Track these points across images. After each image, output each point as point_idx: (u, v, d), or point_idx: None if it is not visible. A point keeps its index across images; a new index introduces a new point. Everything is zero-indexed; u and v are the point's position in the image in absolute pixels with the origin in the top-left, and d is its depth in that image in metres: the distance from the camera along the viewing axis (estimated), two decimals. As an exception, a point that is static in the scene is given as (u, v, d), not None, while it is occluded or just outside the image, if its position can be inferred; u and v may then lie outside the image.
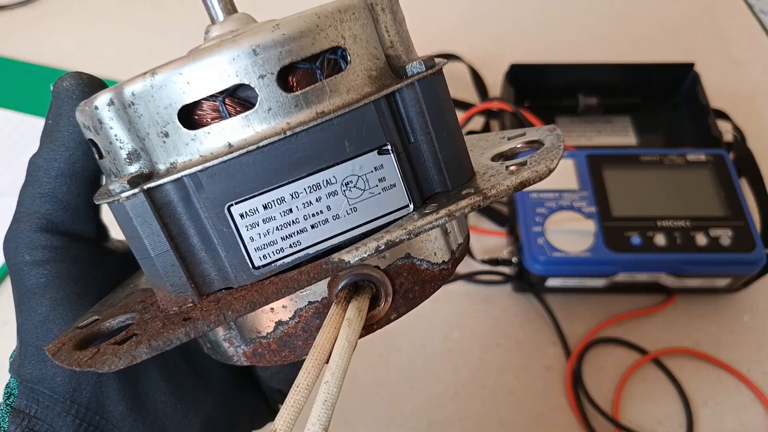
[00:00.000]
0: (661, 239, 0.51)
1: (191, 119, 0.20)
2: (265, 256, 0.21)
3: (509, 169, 0.22)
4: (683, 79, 0.68)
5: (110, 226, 0.27)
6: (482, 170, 0.23)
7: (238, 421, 0.31)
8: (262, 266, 0.21)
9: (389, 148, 0.21)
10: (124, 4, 0.86)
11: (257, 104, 0.19)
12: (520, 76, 0.67)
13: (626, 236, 0.52)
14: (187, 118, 0.20)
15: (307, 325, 0.22)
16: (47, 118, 0.25)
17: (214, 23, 0.23)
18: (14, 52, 0.79)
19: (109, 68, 0.76)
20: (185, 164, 0.20)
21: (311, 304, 0.22)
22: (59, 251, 0.25)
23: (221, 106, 0.20)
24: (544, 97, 0.69)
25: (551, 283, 0.54)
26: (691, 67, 0.67)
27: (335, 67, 0.21)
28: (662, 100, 0.70)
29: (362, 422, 0.51)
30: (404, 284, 0.23)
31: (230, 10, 0.23)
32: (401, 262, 0.23)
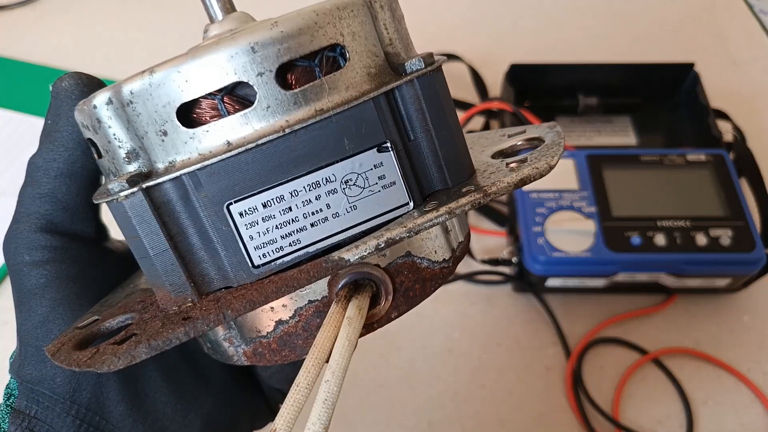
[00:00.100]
0: (661, 239, 0.51)
1: (190, 117, 0.20)
2: (264, 254, 0.21)
3: (509, 166, 0.22)
4: (683, 79, 0.68)
5: (110, 226, 0.27)
6: (482, 168, 0.23)
7: (238, 421, 0.31)
8: (261, 265, 0.21)
9: (389, 145, 0.21)
10: (124, 4, 0.86)
11: (256, 102, 0.19)
12: (520, 76, 0.67)
13: (626, 236, 0.52)
14: (185, 116, 0.20)
15: (307, 324, 0.22)
16: (46, 118, 0.25)
17: (212, 22, 0.23)
18: (14, 52, 0.79)
19: (108, 68, 0.76)
20: (184, 163, 0.20)
21: (311, 302, 0.22)
22: (59, 251, 0.25)
23: (220, 104, 0.20)
24: (544, 97, 0.69)
25: (551, 283, 0.54)
26: (691, 67, 0.67)
27: (334, 64, 0.20)
28: (662, 100, 0.70)
29: (362, 422, 0.51)
30: (405, 282, 0.23)
31: (229, 9, 0.23)
32: (402, 260, 0.23)
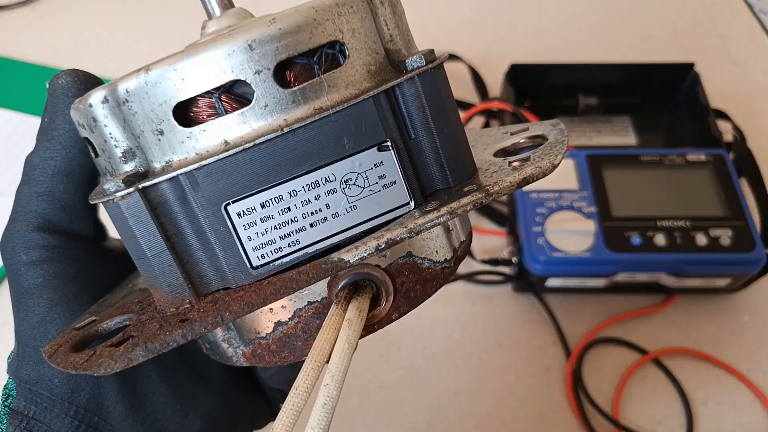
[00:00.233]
0: (661, 239, 0.51)
1: (187, 116, 0.20)
2: (263, 255, 0.20)
3: (512, 165, 0.22)
4: (683, 79, 0.68)
5: (108, 224, 0.27)
6: (484, 166, 0.23)
7: (238, 421, 0.31)
8: (260, 266, 0.21)
9: (389, 144, 0.20)
10: (124, 4, 0.86)
11: (254, 101, 0.19)
12: (520, 76, 0.67)
13: (626, 236, 0.52)
14: (182, 115, 0.19)
15: (306, 325, 0.22)
16: (43, 116, 0.25)
17: (210, 18, 0.22)
18: (14, 52, 0.79)
19: (108, 68, 0.76)
20: (181, 162, 0.20)
21: (311, 304, 0.22)
22: (56, 251, 0.25)
23: (217, 102, 0.19)
24: (544, 97, 0.69)
25: (551, 283, 0.54)
26: (691, 67, 0.67)
27: (333, 61, 0.20)
28: (662, 100, 0.70)
29: (362, 422, 0.51)
30: (405, 283, 0.22)
31: (227, 4, 0.22)
32: (402, 260, 0.22)
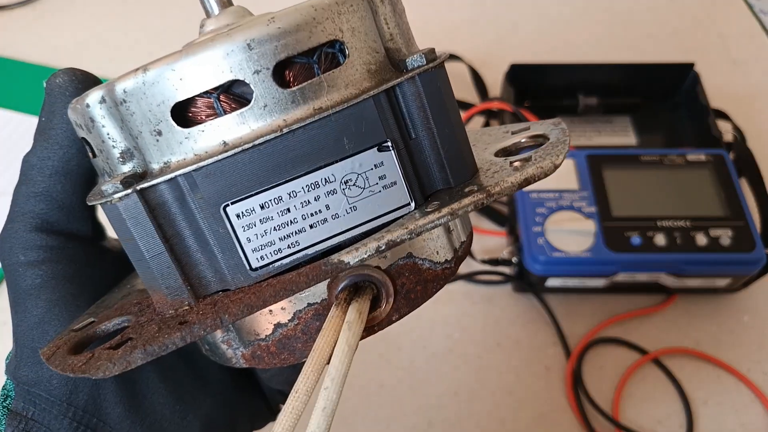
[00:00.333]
0: (661, 239, 0.51)
1: (185, 117, 0.19)
2: (262, 257, 0.20)
3: (513, 165, 0.21)
4: (683, 79, 0.68)
5: (107, 224, 0.26)
6: (485, 166, 0.23)
7: (237, 421, 0.30)
8: (259, 268, 0.20)
9: (389, 144, 0.20)
10: (124, 4, 0.86)
11: (253, 101, 0.19)
12: (520, 76, 0.67)
13: (626, 236, 0.51)
14: (180, 115, 0.19)
15: (306, 327, 0.22)
16: (40, 115, 0.25)
17: (209, 17, 0.22)
18: (14, 52, 0.79)
19: (108, 68, 0.76)
20: (179, 163, 0.19)
21: (311, 305, 0.22)
22: (54, 251, 0.25)
23: (216, 102, 0.19)
24: (544, 97, 0.68)
25: (551, 283, 0.54)
26: (691, 67, 0.67)
27: (333, 61, 0.20)
28: (662, 100, 0.70)
29: (362, 422, 0.51)
30: (406, 284, 0.22)
31: (225, 3, 0.22)
32: (403, 261, 0.22)
